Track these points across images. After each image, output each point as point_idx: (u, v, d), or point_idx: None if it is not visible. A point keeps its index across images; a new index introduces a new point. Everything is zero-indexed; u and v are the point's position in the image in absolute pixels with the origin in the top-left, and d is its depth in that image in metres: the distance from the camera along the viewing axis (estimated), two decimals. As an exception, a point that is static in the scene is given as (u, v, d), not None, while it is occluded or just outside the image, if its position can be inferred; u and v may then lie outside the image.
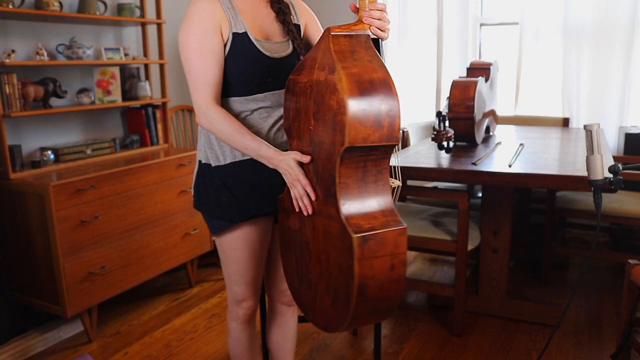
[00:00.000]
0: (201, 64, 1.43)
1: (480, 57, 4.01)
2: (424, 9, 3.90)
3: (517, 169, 2.27)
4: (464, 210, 2.36)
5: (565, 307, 1.81)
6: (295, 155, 1.38)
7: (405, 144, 3.20)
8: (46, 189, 2.31)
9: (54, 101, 2.80)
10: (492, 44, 4.03)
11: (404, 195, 3.14)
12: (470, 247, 2.43)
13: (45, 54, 2.64)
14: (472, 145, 2.87)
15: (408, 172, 2.42)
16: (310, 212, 1.35)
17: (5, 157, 2.44)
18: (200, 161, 1.59)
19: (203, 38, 1.42)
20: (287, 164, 1.38)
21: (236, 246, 1.59)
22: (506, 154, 2.57)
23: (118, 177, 2.59)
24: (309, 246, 1.39)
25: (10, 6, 2.45)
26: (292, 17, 1.60)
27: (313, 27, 1.68)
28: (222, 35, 1.45)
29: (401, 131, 3.23)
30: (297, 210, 1.39)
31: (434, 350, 2.40)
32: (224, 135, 1.44)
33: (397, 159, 1.78)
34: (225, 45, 1.46)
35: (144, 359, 2.40)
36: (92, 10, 2.82)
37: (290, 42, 1.57)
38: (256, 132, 1.52)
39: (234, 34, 1.46)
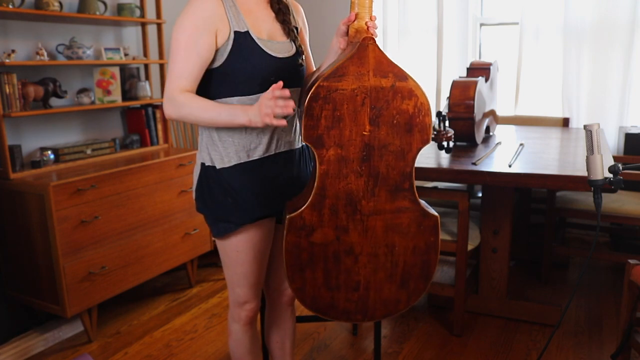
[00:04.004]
0: (183, 59, 1.44)
1: (480, 57, 4.01)
2: (424, 9, 3.89)
3: (517, 169, 2.27)
4: (464, 210, 2.36)
5: (565, 307, 1.81)
6: (266, 94, 1.35)
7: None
8: (46, 189, 2.31)
9: (54, 101, 2.80)
10: (492, 44, 4.03)
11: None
12: (470, 247, 2.43)
13: (45, 54, 2.64)
14: (472, 145, 2.87)
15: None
16: (294, 107, 1.35)
17: (5, 157, 2.44)
18: (203, 164, 1.58)
19: (192, 36, 1.43)
20: (257, 106, 1.37)
21: (240, 248, 1.59)
22: (506, 154, 2.57)
23: (118, 177, 2.59)
24: (354, 250, 1.43)
25: (10, 6, 2.45)
26: (291, 18, 1.61)
27: (303, 34, 1.69)
28: (216, 38, 1.45)
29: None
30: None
31: (434, 350, 2.40)
32: (194, 112, 1.43)
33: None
34: (224, 46, 1.46)
35: (144, 359, 2.40)
36: (92, 10, 2.82)
37: (292, 42, 1.58)
38: (260, 132, 1.52)
39: (236, 33, 1.46)
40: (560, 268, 3.26)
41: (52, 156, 2.66)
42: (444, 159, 2.62)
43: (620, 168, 1.48)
